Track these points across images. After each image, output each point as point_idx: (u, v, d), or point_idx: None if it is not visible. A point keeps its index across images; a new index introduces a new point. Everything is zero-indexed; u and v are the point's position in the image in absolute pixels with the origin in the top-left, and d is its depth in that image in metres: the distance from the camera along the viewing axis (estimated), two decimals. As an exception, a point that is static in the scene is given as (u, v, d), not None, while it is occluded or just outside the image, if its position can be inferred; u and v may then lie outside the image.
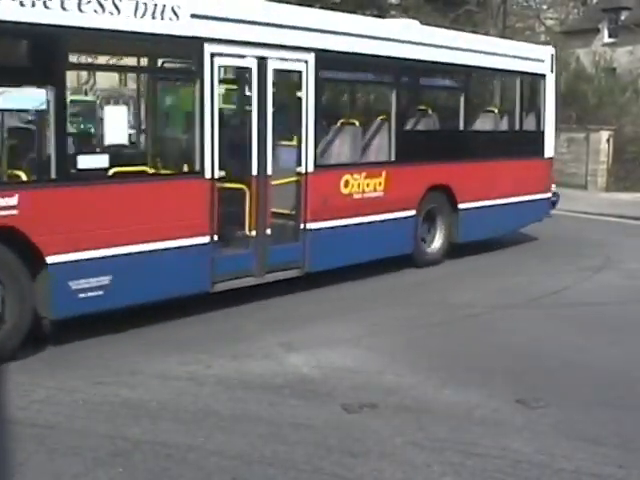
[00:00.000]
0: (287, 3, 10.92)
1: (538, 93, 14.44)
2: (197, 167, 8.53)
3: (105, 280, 7.56)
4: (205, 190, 8.52)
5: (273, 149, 9.43)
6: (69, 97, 9.52)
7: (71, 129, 10.47)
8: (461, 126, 12.74)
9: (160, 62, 10.04)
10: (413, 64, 11.42)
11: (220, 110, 9.21)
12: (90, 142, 11.36)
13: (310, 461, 5.08)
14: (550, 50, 14.74)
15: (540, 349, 7.95)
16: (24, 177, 7.15)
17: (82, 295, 7.39)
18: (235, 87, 11.59)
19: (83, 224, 7.36)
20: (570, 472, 5.06)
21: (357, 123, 11.37)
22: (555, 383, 6.85)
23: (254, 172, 9.11)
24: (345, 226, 10.39)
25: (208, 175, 8.53)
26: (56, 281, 7.17)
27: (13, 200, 6.81)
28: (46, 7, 6.96)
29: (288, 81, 10.51)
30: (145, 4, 7.80)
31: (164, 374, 6.66)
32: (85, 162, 7.56)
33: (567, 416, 6.04)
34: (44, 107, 7.06)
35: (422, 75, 12.27)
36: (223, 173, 8.67)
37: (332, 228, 10.16)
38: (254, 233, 9.16)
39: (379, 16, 40.27)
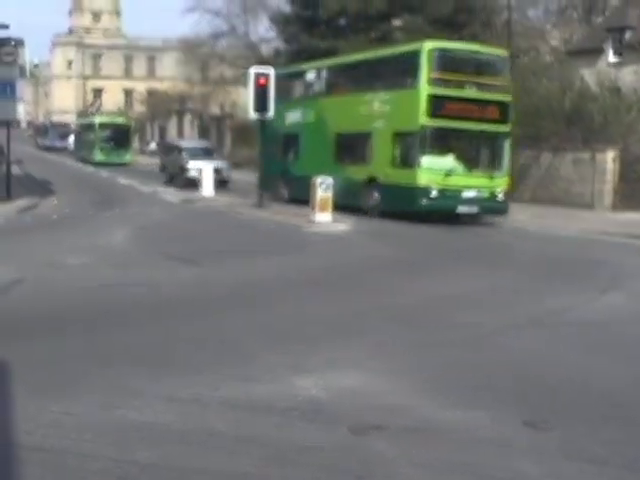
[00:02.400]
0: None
1: None
2: None
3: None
4: None
5: None
6: None
7: None
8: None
9: None
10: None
11: None
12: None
13: (316, 483, 5.07)
14: None
15: (545, 369, 7.94)
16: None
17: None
18: None
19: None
20: (577, 493, 5.05)
21: None
22: (561, 403, 6.84)
23: None
24: None
25: None
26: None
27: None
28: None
29: None
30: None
31: (170, 396, 6.66)
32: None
33: (573, 437, 6.02)
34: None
35: None
36: None
37: None
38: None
39: (383, 39, 40.68)
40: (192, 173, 36.23)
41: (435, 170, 23.01)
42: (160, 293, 11.62)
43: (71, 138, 78.25)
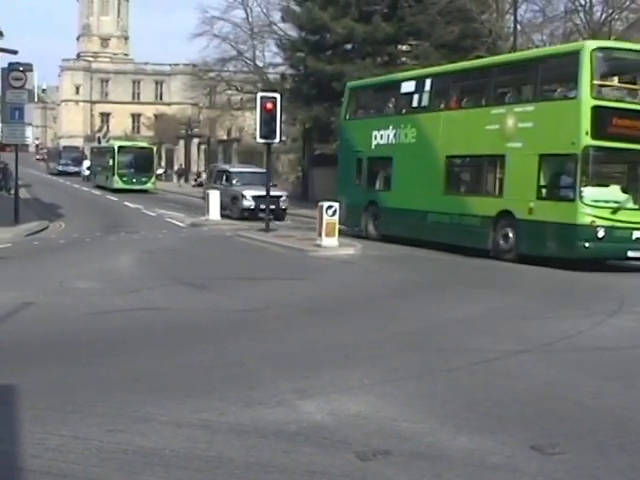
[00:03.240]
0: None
1: None
2: None
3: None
4: None
5: None
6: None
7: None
8: None
9: None
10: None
11: None
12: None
13: (324, 509, 5.05)
14: None
15: (554, 394, 7.91)
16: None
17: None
18: None
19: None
20: (586, 519, 5.02)
21: None
22: (570, 428, 6.80)
23: None
24: None
25: None
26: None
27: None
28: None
29: None
30: None
31: (177, 421, 6.65)
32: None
33: (583, 462, 5.99)
34: None
35: None
36: None
37: None
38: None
39: (389, 63, 40.83)
40: (247, 202, 32.90)
41: (601, 204, 18.43)
42: (167, 318, 11.62)
43: (86, 163, 76.36)
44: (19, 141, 27.46)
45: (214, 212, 31.84)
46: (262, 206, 28.98)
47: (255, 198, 32.04)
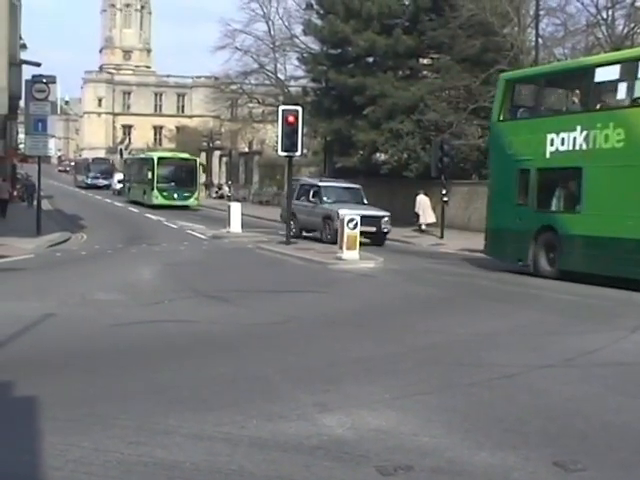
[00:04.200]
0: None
1: None
2: None
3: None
4: None
5: None
6: None
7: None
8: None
9: None
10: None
11: None
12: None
13: (345, 524, 5.04)
14: None
15: (577, 410, 7.86)
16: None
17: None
18: None
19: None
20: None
21: None
22: (593, 445, 6.76)
23: None
24: None
25: None
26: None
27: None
28: None
29: None
30: None
31: (198, 434, 6.65)
32: None
33: (605, 479, 5.95)
34: None
35: None
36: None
37: None
38: None
39: (410, 77, 40.85)
40: None
41: None
42: (189, 330, 11.65)
43: (117, 176, 73.15)
44: (42, 153, 27.66)
45: (235, 224, 31.91)
46: (362, 228, 24.05)
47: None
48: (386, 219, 28.42)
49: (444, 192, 32.38)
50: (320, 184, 30.74)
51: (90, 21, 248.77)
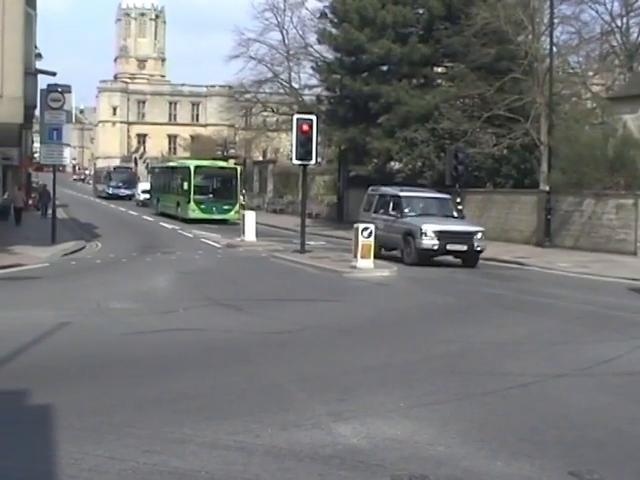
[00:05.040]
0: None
1: None
2: None
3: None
4: None
5: None
6: None
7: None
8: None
9: None
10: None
11: None
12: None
13: (360, 534, 5.02)
14: None
15: (592, 419, 7.82)
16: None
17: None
18: None
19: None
20: None
21: None
22: (608, 454, 6.73)
23: None
24: None
25: None
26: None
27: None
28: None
29: None
30: None
31: (213, 443, 6.65)
32: None
33: (622, 489, 5.92)
34: None
35: None
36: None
37: None
38: None
39: (425, 85, 40.85)
40: (429, 241, 23.70)
41: None
42: (203, 339, 11.66)
43: (141, 185, 68.57)
44: (57, 162, 27.75)
45: (250, 233, 31.90)
46: (450, 247, 23.11)
47: (440, 235, 23.70)
48: (479, 235, 24.40)
49: (458, 200, 32.27)
50: (401, 194, 26.69)
51: (105, 30, 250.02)
